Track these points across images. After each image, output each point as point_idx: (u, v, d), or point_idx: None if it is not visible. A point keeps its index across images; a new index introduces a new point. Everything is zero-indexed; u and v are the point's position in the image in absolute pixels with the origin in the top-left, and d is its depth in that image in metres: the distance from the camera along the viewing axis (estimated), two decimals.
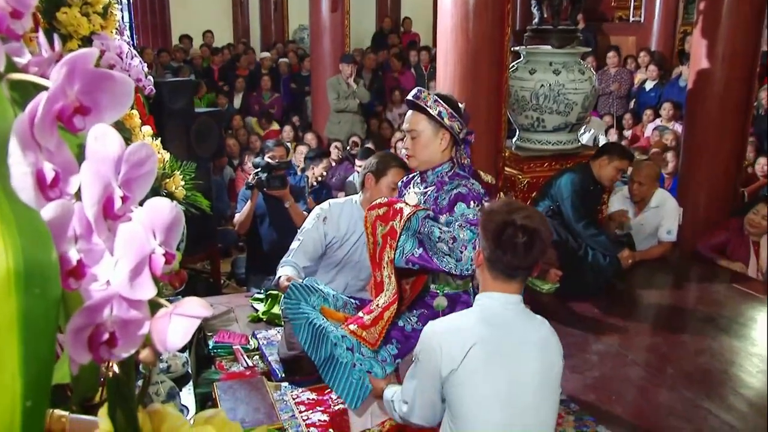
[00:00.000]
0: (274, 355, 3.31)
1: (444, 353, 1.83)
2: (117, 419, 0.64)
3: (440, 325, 1.93)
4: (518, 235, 1.82)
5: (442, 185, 2.55)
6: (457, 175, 2.57)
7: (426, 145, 2.55)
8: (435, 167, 2.58)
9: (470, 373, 1.81)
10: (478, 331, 1.84)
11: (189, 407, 2.34)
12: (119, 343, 0.54)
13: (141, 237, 0.56)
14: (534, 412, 1.83)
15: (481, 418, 1.81)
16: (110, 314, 0.54)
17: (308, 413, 2.86)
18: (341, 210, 3.25)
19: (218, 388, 2.90)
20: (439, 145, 2.55)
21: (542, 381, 1.85)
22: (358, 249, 3.26)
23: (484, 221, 1.90)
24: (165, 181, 2.54)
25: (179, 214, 0.61)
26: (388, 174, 3.12)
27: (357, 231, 3.23)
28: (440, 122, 2.51)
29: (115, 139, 0.54)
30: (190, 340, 3.01)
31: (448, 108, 2.52)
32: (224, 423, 0.73)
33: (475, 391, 1.81)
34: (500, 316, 1.89)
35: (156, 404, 0.73)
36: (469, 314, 1.95)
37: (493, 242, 1.85)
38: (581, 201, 4.40)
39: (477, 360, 1.81)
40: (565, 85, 4.85)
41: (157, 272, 0.57)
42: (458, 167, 2.60)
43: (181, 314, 0.56)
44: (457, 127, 2.54)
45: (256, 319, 3.92)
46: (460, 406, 1.84)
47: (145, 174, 0.59)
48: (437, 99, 2.52)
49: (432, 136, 2.54)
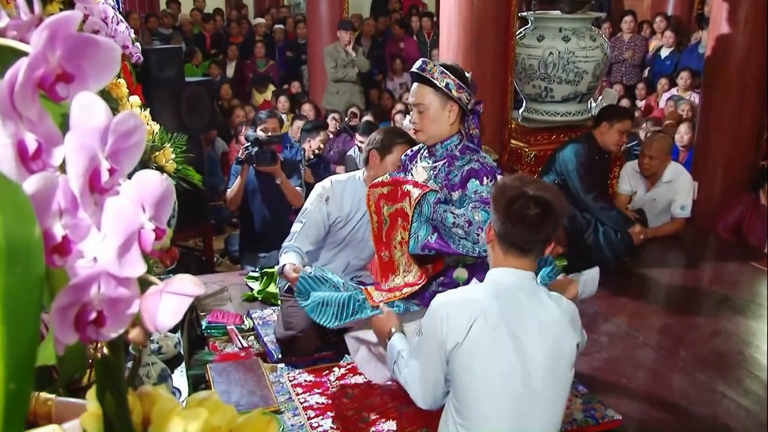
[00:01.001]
0: (270, 336, 3.34)
1: (451, 324, 1.84)
2: (106, 402, 0.64)
3: (448, 297, 1.95)
4: (530, 206, 1.82)
5: (453, 160, 2.56)
6: (468, 148, 2.57)
7: (434, 118, 2.55)
8: (444, 141, 2.59)
9: (475, 348, 1.82)
10: (486, 305, 1.85)
11: (181, 390, 2.36)
12: (107, 323, 0.54)
13: (129, 211, 0.56)
14: (542, 393, 1.85)
15: (486, 397, 1.82)
16: (98, 292, 0.53)
17: (305, 396, 2.88)
18: (344, 188, 3.25)
19: (212, 369, 2.92)
20: (448, 119, 2.55)
21: (551, 361, 1.86)
22: (362, 228, 3.27)
23: (496, 195, 1.91)
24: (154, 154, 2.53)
25: (170, 188, 0.61)
26: (394, 151, 3.11)
27: (361, 209, 3.23)
28: (448, 95, 2.50)
29: (101, 109, 0.54)
30: (182, 320, 3.02)
31: (456, 79, 2.52)
32: (218, 406, 0.73)
33: (480, 367, 1.82)
34: (512, 291, 1.90)
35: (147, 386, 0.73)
36: (480, 288, 1.97)
37: (504, 215, 1.85)
38: (588, 172, 4.39)
39: (482, 334, 1.82)
40: (576, 53, 4.82)
41: (146, 248, 0.56)
42: (467, 139, 2.60)
43: (172, 292, 0.56)
44: (465, 99, 2.54)
45: (250, 298, 3.93)
46: (464, 384, 1.85)
47: (134, 145, 0.58)
48: (443, 71, 2.51)
49: (440, 110, 2.54)
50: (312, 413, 2.75)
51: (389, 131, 3.35)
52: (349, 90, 8.39)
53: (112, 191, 0.55)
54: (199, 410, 0.70)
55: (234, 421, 0.74)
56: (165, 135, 2.65)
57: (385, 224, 2.63)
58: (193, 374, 2.88)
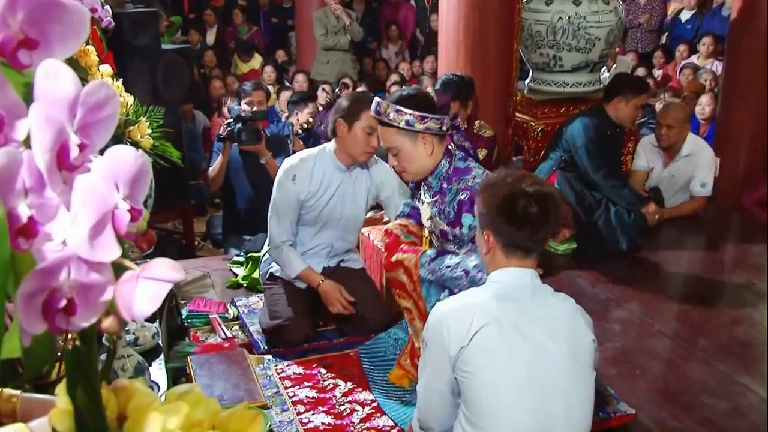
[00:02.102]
0: (256, 325, 3.35)
1: (452, 332, 1.85)
2: (77, 397, 0.64)
3: (448, 305, 1.96)
4: (531, 204, 1.85)
5: (444, 193, 2.63)
6: (456, 171, 2.62)
7: (411, 158, 2.62)
8: (433, 171, 2.65)
9: (483, 353, 1.82)
10: (491, 308, 1.86)
11: (160, 383, 2.36)
12: (78, 311, 0.54)
13: (102, 190, 0.56)
14: (562, 397, 1.84)
15: (501, 404, 1.81)
16: (68, 278, 0.53)
17: (294, 389, 2.89)
18: (313, 163, 3.26)
19: (193, 362, 2.93)
20: (425, 151, 2.60)
21: (570, 362, 1.86)
22: (337, 205, 3.29)
23: (487, 198, 1.91)
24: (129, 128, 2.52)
25: (146, 165, 0.61)
26: (362, 118, 3.11)
27: (333, 183, 3.26)
28: (413, 131, 2.52)
29: (68, 78, 0.53)
30: (161, 308, 3.03)
31: (415, 112, 2.54)
32: (199, 400, 0.73)
33: (491, 373, 1.82)
34: (517, 291, 1.91)
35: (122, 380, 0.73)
36: (481, 291, 1.97)
37: (504, 218, 1.88)
38: (598, 148, 4.38)
39: (489, 338, 1.82)
40: (587, 18, 4.80)
41: (121, 230, 0.56)
42: (457, 157, 2.66)
43: (150, 278, 0.56)
44: (435, 125, 2.57)
45: (235, 284, 3.94)
46: (474, 393, 1.84)
47: (105, 118, 0.58)
48: (399, 108, 2.53)
49: (412, 147, 2.60)
50: (302, 408, 2.76)
51: (356, 97, 3.35)
52: (340, 59, 8.34)
53: (83, 168, 0.55)
54: (179, 405, 0.70)
55: (217, 416, 0.75)
56: (140, 107, 2.64)
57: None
58: (173, 367, 2.88)
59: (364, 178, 3.35)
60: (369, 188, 3.37)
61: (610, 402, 2.80)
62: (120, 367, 2.20)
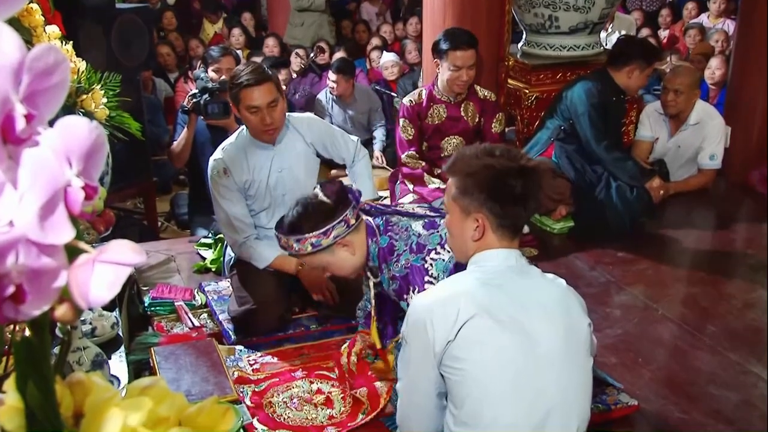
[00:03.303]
0: (226, 313, 3.35)
1: (436, 325, 1.84)
2: (28, 393, 0.64)
3: (429, 296, 1.95)
4: (520, 180, 1.89)
5: (383, 270, 2.70)
6: (382, 251, 2.68)
7: (340, 266, 2.68)
8: (367, 264, 2.71)
9: (471, 346, 1.81)
10: (477, 297, 1.86)
11: (120, 377, 2.37)
12: (28, 298, 0.54)
13: (52, 165, 0.55)
14: (557, 386, 1.85)
15: (494, 399, 1.82)
16: (15, 262, 0.53)
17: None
18: (236, 149, 3.27)
19: (157, 353, 2.93)
20: (348, 253, 2.66)
21: (565, 348, 1.87)
22: (278, 182, 3.32)
23: (472, 182, 1.92)
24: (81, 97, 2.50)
25: (101, 137, 0.60)
26: (241, 99, 3.15)
27: (264, 163, 3.29)
28: (325, 247, 2.60)
29: (11, 41, 0.53)
30: (120, 295, 3.02)
31: (315, 231, 2.57)
32: (164, 394, 0.73)
33: (480, 366, 1.82)
34: (503, 274, 1.92)
35: (78, 374, 0.73)
36: (463, 278, 1.97)
37: (496, 201, 1.91)
38: (601, 117, 4.38)
39: (478, 331, 1.81)
40: None
41: (74, 210, 0.56)
42: (380, 230, 2.72)
43: (107, 261, 0.56)
44: (342, 228, 2.62)
45: (202, 269, 3.93)
46: (463, 389, 1.84)
47: (55, 86, 0.57)
48: (297, 238, 2.58)
49: (334, 257, 2.65)
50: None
51: (232, 75, 3.29)
52: (316, 21, 8.29)
53: (30, 141, 0.55)
54: (142, 400, 0.70)
55: (184, 411, 0.75)
56: (93, 74, 2.61)
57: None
58: (135, 359, 2.88)
59: (297, 143, 3.36)
60: (306, 152, 3.39)
61: (611, 393, 2.83)
62: (76, 360, 2.19)
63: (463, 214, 1.97)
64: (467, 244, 1.98)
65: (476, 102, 4.27)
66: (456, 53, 4.04)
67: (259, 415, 2.66)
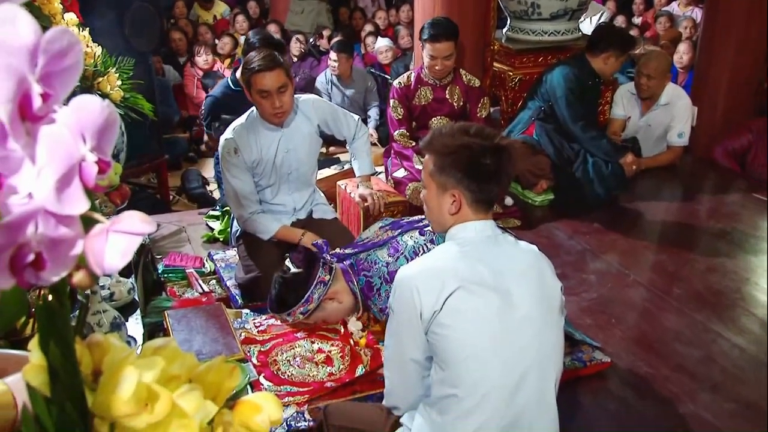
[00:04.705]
0: (233, 279, 3.35)
1: (422, 295, 1.84)
2: (50, 352, 0.64)
3: (413, 269, 1.94)
4: (494, 159, 1.89)
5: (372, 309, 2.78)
6: (354, 279, 2.77)
7: (334, 315, 2.85)
8: (357, 302, 2.82)
9: (456, 314, 1.81)
10: (459, 270, 1.85)
11: (137, 338, 2.37)
12: (47, 266, 0.53)
13: (68, 141, 0.55)
14: (534, 343, 1.86)
15: (474, 357, 1.82)
16: (35, 232, 0.52)
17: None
18: (246, 130, 3.25)
19: (170, 316, 2.92)
20: (336, 303, 2.79)
21: (540, 308, 1.88)
22: (284, 162, 3.31)
23: (449, 161, 1.91)
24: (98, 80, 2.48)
25: (113, 115, 0.59)
26: (252, 83, 3.13)
27: (272, 144, 3.27)
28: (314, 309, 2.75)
29: (27, 24, 0.52)
30: (136, 263, 3.01)
31: (299, 299, 2.74)
32: (176, 354, 0.73)
33: (464, 330, 1.82)
34: (481, 244, 1.92)
35: (97, 335, 0.73)
36: (444, 251, 1.96)
37: (472, 179, 1.90)
38: (578, 99, 4.37)
39: (462, 300, 1.81)
40: None
41: (89, 183, 0.55)
42: (352, 267, 2.81)
43: (120, 231, 0.55)
44: (321, 289, 2.74)
45: (211, 239, 3.93)
46: (448, 349, 1.84)
47: (69, 67, 0.56)
48: (289, 312, 2.77)
49: (326, 312, 2.82)
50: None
51: (244, 62, 3.28)
52: (315, 8, 8.22)
53: (47, 119, 0.54)
54: (155, 359, 0.70)
55: (194, 369, 0.75)
56: (109, 59, 2.59)
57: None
58: (150, 322, 2.88)
59: (304, 125, 3.34)
60: (311, 134, 3.37)
61: (587, 350, 2.85)
62: (96, 322, 2.19)
63: (440, 190, 1.96)
64: (444, 217, 1.98)
65: (461, 85, 4.25)
66: (434, 45, 4.03)
67: (264, 372, 2.67)
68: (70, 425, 0.66)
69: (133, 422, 0.66)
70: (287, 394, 2.53)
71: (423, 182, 2.08)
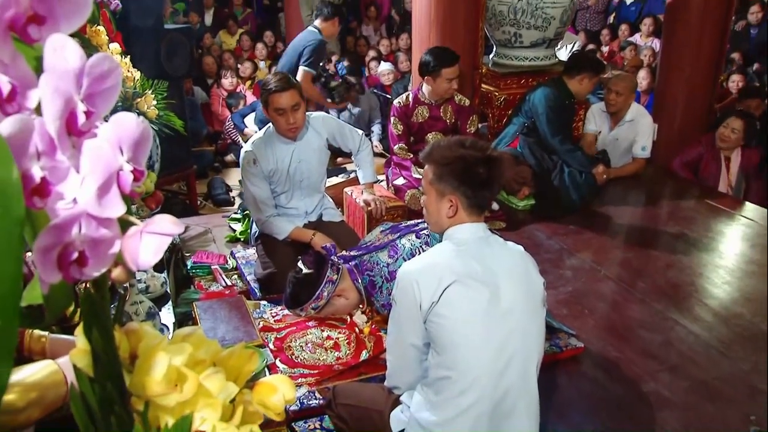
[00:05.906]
0: (252, 275, 3.34)
1: (422, 287, 1.84)
2: (93, 338, 0.64)
3: (413, 265, 1.93)
4: (486, 168, 1.89)
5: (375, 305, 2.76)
6: (365, 289, 2.78)
7: (342, 310, 2.84)
8: (362, 298, 2.83)
9: (451, 305, 1.81)
10: (455, 266, 1.85)
11: (168, 326, 2.36)
12: (90, 262, 0.53)
13: (107, 153, 0.54)
14: (520, 332, 1.86)
15: (467, 343, 1.81)
16: (79, 233, 0.52)
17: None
18: (264, 143, 3.25)
19: (198, 307, 2.92)
20: (343, 299, 2.80)
21: (525, 301, 1.88)
22: (296, 171, 3.30)
23: (447, 171, 1.92)
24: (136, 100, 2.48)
25: (147, 130, 0.59)
26: (270, 102, 3.13)
27: (286, 156, 3.26)
28: (324, 305, 2.77)
29: (74, 51, 0.51)
30: (168, 260, 3.01)
31: (311, 297, 2.77)
32: (201, 340, 0.73)
33: (458, 320, 1.81)
34: (474, 244, 1.92)
35: (133, 323, 0.73)
36: (441, 250, 1.96)
37: (467, 186, 1.91)
38: (557, 116, 4.38)
39: (457, 294, 1.82)
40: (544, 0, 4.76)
41: (125, 189, 0.55)
42: (357, 267, 2.80)
43: (152, 232, 0.55)
44: (330, 287, 2.75)
45: (233, 239, 3.93)
46: (444, 336, 1.83)
47: (109, 88, 0.56)
48: (301, 308, 2.81)
49: (334, 308, 2.84)
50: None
51: (263, 82, 3.27)
52: None
53: (90, 134, 0.54)
54: (184, 345, 0.69)
55: (218, 354, 0.75)
56: (146, 82, 2.60)
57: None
58: (180, 312, 2.88)
59: (315, 139, 3.34)
60: (321, 146, 3.36)
61: (563, 337, 2.84)
62: (134, 311, 2.19)
63: (439, 196, 1.96)
64: (442, 220, 1.98)
65: (453, 105, 4.25)
66: (449, 69, 4.02)
67: (280, 356, 2.66)
68: (111, 402, 0.66)
69: (165, 401, 0.66)
70: (300, 376, 2.52)
71: (423, 189, 2.08)
